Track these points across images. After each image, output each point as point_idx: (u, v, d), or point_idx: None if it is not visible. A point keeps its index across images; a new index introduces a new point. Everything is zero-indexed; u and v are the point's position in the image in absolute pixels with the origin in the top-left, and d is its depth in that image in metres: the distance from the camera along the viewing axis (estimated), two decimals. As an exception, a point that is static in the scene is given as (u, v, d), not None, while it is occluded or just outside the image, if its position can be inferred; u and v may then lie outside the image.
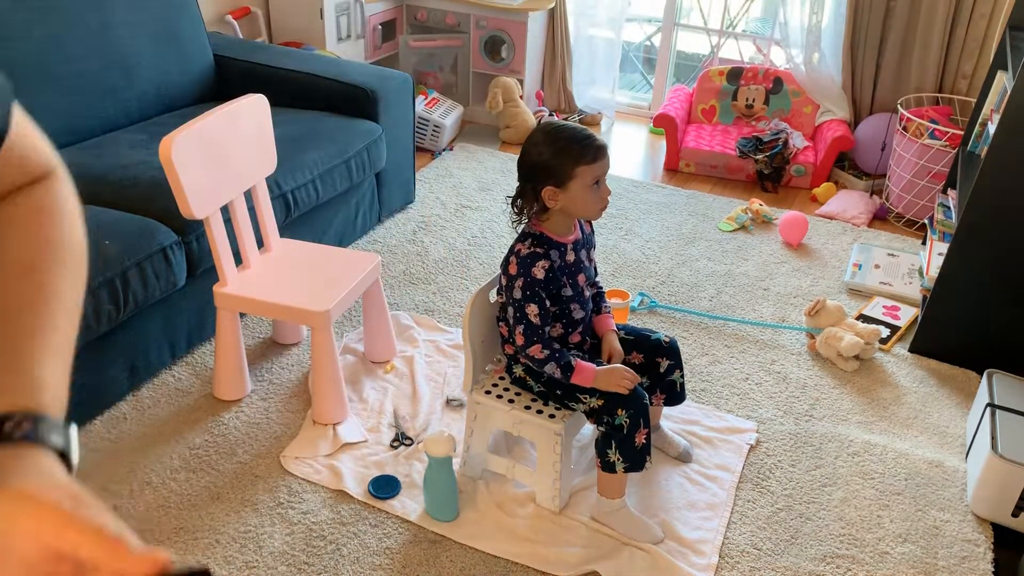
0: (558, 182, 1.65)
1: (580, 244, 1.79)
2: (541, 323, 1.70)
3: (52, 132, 0.72)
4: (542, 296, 1.69)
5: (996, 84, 2.73)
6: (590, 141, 1.65)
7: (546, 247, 1.70)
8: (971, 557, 1.80)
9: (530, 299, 1.69)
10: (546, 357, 1.70)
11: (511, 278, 1.71)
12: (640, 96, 4.51)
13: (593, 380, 1.70)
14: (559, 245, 1.73)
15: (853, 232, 3.18)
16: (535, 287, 1.69)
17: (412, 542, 1.77)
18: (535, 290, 1.69)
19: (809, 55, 3.64)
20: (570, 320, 1.79)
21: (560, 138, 1.65)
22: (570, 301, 1.77)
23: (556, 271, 1.71)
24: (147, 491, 1.86)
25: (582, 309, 1.80)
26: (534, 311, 1.69)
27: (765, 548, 1.80)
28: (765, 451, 2.07)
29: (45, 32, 2.33)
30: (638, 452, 1.72)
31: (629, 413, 1.69)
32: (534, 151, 1.66)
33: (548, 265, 1.69)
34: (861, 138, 3.52)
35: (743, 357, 2.43)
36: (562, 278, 1.73)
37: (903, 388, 2.33)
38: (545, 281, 1.69)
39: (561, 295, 1.74)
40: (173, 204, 2.12)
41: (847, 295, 2.78)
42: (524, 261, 1.69)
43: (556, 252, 1.71)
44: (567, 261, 1.74)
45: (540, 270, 1.68)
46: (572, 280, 1.75)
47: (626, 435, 1.70)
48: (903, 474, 2.02)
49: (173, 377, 2.21)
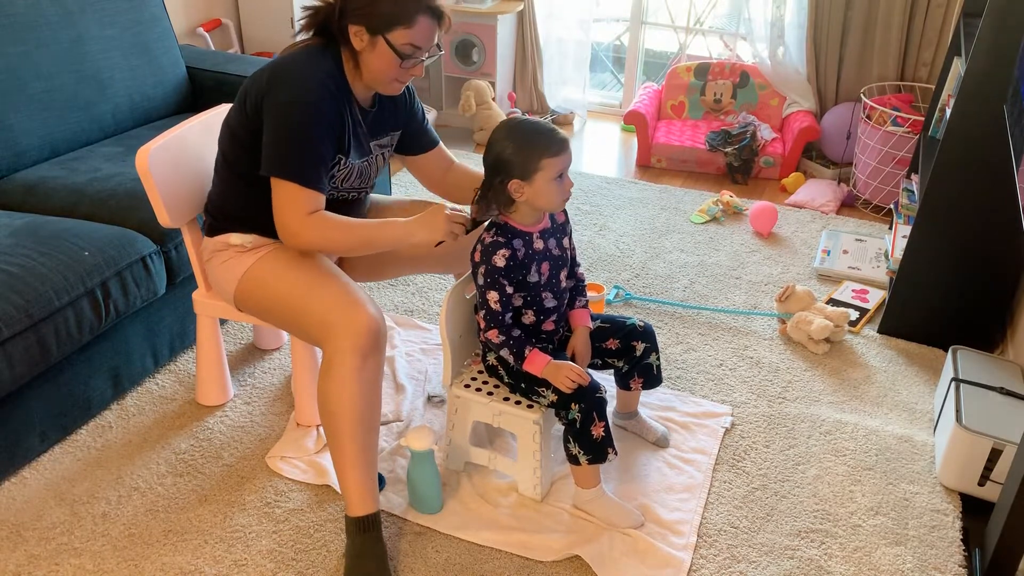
0: (523, 175, 1.70)
1: (549, 232, 1.83)
2: (501, 309, 1.76)
3: (28, 148, 0.75)
4: (502, 283, 1.75)
5: (952, 70, 2.81)
6: (553, 135, 1.71)
7: (508, 236, 1.76)
8: (940, 526, 1.86)
9: (490, 286, 1.75)
10: (501, 342, 1.77)
11: (475, 265, 1.79)
12: (611, 95, 4.57)
13: (541, 371, 1.76)
14: (523, 234, 1.78)
15: (822, 220, 3.26)
16: (495, 275, 1.75)
17: (397, 535, 1.81)
18: (495, 277, 1.75)
19: (774, 49, 3.71)
20: (541, 308, 1.84)
21: (524, 133, 1.71)
22: (539, 288, 1.82)
23: (520, 259, 1.76)
24: (135, 496, 1.89)
25: (555, 298, 1.85)
26: (494, 297, 1.75)
27: (742, 526, 1.86)
28: (740, 433, 2.13)
29: (17, 49, 2.35)
30: (597, 444, 1.76)
31: (580, 407, 1.74)
32: (499, 146, 1.71)
33: (508, 254, 1.74)
34: (827, 128, 3.60)
35: (717, 344, 2.48)
36: (529, 265, 1.78)
37: (872, 368, 2.39)
38: (506, 269, 1.75)
39: (527, 281, 1.79)
40: (151, 214, 2.16)
41: (817, 280, 2.85)
42: (487, 249, 1.76)
43: (520, 241, 1.77)
44: (534, 249, 1.79)
45: (500, 258, 1.74)
46: (538, 267, 1.80)
47: (580, 429, 1.75)
48: (874, 450, 2.08)
49: (157, 385, 2.24)
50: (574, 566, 1.74)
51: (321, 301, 1.72)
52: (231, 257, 1.85)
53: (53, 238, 1.99)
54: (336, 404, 1.67)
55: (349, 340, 1.66)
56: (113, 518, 1.83)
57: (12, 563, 1.72)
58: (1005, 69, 2.13)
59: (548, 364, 1.75)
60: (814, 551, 1.79)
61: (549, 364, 1.76)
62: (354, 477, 1.69)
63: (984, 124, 2.19)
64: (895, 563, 1.77)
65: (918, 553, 1.79)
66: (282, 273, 1.79)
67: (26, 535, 1.78)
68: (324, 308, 1.71)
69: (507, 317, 1.78)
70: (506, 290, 1.76)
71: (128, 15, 2.70)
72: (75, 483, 1.92)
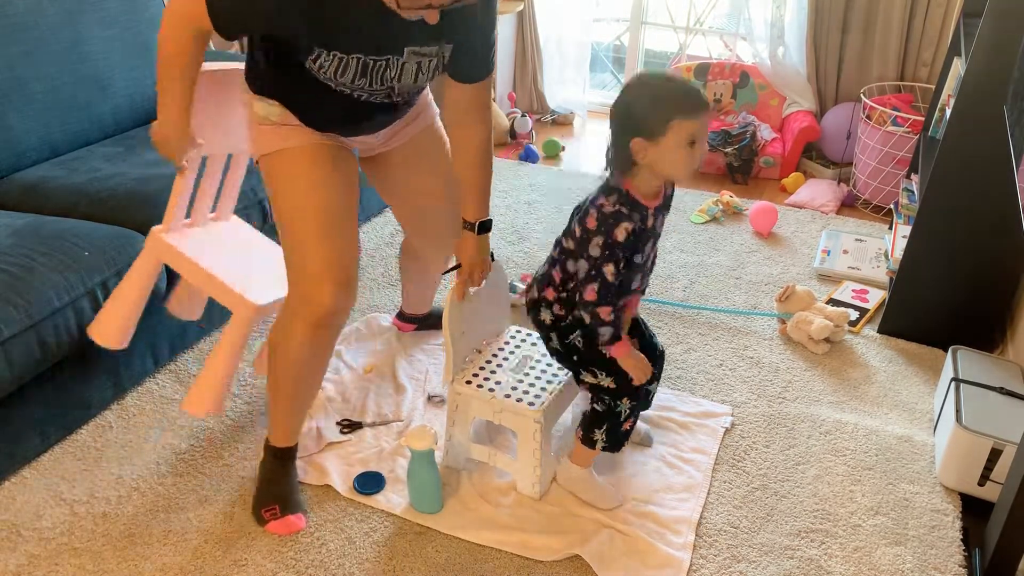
0: (650, 134, 1.54)
1: (660, 209, 1.70)
2: (615, 281, 1.63)
3: (28, 148, 0.75)
4: (619, 256, 1.62)
5: (952, 70, 2.81)
6: (689, 92, 1.54)
7: (630, 208, 1.61)
8: (940, 526, 1.86)
9: (608, 259, 1.61)
10: (611, 321, 1.66)
11: (588, 232, 1.63)
12: (611, 95, 4.57)
13: (624, 357, 1.71)
14: (642, 208, 1.63)
15: (822, 220, 3.26)
16: (615, 248, 1.60)
17: (398, 535, 1.81)
18: (614, 251, 1.61)
19: (774, 49, 3.71)
20: (628, 289, 1.73)
21: (658, 86, 1.56)
22: (638, 270, 1.71)
23: (638, 235, 1.62)
24: (135, 496, 1.89)
25: (642, 278, 1.76)
26: (611, 270, 1.61)
27: (742, 526, 1.86)
28: (740, 433, 2.13)
29: (17, 49, 2.35)
30: (622, 436, 1.80)
31: (632, 404, 1.76)
32: (629, 96, 1.56)
33: (631, 228, 1.59)
34: (827, 128, 3.60)
35: (717, 344, 2.48)
36: (644, 245, 1.66)
37: (873, 368, 2.39)
38: (625, 244, 1.61)
39: (634, 261, 1.67)
40: (151, 214, 2.16)
41: (817, 280, 2.85)
42: (606, 219, 1.60)
43: (639, 215, 1.62)
44: (647, 226, 1.65)
45: (623, 232, 1.59)
46: (644, 247, 1.68)
47: (619, 422, 1.78)
48: (874, 450, 2.08)
49: (157, 385, 2.24)
50: (574, 566, 1.74)
51: (299, 255, 1.68)
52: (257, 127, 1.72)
53: (53, 238, 1.99)
54: (282, 361, 1.73)
55: (305, 309, 1.67)
56: (113, 518, 1.83)
57: (12, 563, 1.72)
58: (1005, 69, 2.13)
59: (631, 352, 1.71)
60: (814, 551, 1.79)
61: (631, 353, 1.72)
62: (284, 418, 1.82)
63: (984, 124, 2.19)
64: (895, 563, 1.77)
65: (918, 553, 1.79)
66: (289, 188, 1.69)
67: (26, 535, 1.78)
68: (295, 266, 1.69)
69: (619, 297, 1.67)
70: (620, 264, 1.62)
71: (128, 15, 2.70)
72: (75, 483, 1.92)
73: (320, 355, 1.75)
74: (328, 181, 1.70)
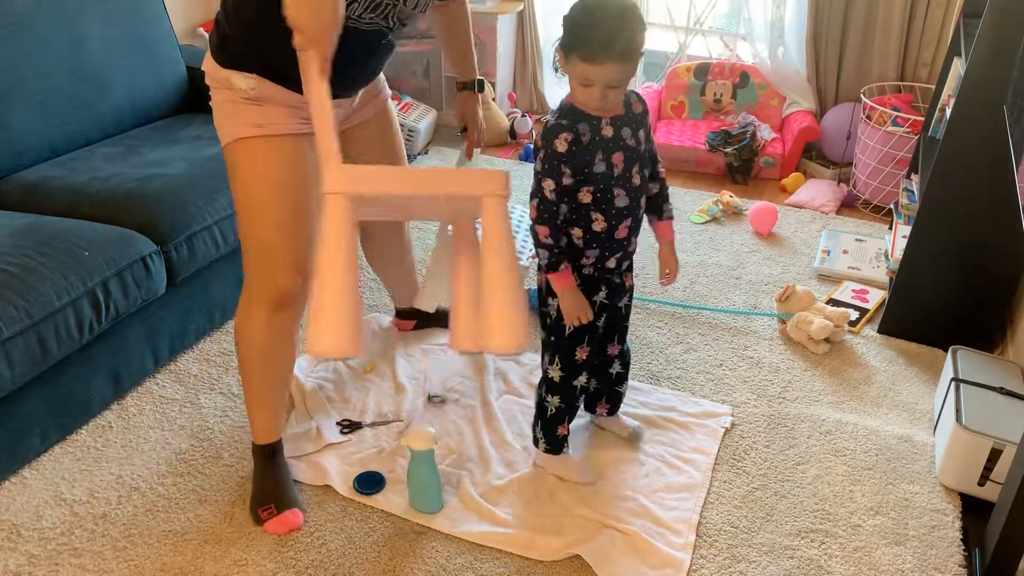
0: (564, 54, 1.54)
1: (623, 121, 1.64)
2: (555, 200, 1.62)
3: (28, 148, 0.75)
4: (562, 171, 1.60)
5: (952, 70, 2.81)
6: (592, 33, 1.47)
7: (573, 119, 1.59)
8: (940, 526, 1.86)
9: (548, 173, 1.61)
10: (546, 243, 1.65)
11: (536, 150, 1.64)
12: (611, 95, 4.56)
13: (562, 291, 1.69)
14: (590, 118, 1.60)
15: (822, 220, 3.26)
16: (554, 160, 1.59)
17: (397, 535, 1.81)
18: (554, 163, 1.60)
19: (774, 49, 3.71)
20: (611, 208, 1.66)
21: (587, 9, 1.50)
22: (607, 181, 1.64)
23: (584, 144, 1.60)
24: (135, 496, 1.89)
25: (627, 196, 1.67)
26: (549, 186, 1.61)
27: (742, 526, 1.86)
28: (740, 433, 2.13)
29: (17, 49, 2.35)
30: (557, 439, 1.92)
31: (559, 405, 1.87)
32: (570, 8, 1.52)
33: (571, 138, 1.58)
34: (827, 128, 3.60)
35: (717, 344, 2.48)
36: (595, 153, 1.61)
37: (873, 368, 2.39)
38: (567, 155, 1.59)
39: (593, 172, 1.62)
40: (152, 215, 2.17)
41: (817, 281, 2.85)
42: (548, 132, 1.60)
43: (586, 125, 1.60)
44: (602, 135, 1.61)
45: (563, 142, 1.58)
46: (607, 157, 1.62)
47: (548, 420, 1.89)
48: (874, 450, 2.08)
49: (157, 385, 2.24)
50: (574, 566, 1.74)
51: (261, 243, 1.69)
52: (235, 103, 1.67)
53: (53, 238, 1.99)
54: (246, 346, 1.78)
55: (261, 291, 1.72)
56: (113, 518, 1.83)
57: (12, 563, 1.72)
58: (1005, 69, 2.13)
59: (571, 288, 1.70)
60: (814, 551, 1.79)
61: (572, 289, 1.70)
62: (259, 412, 1.85)
63: (984, 124, 2.19)
64: (895, 563, 1.77)
65: (918, 553, 1.79)
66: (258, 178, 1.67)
67: (26, 535, 1.78)
68: (254, 251, 1.71)
69: (560, 210, 1.64)
70: (563, 180, 1.60)
71: (128, 15, 2.70)
72: (75, 483, 1.92)
73: (282, 340, 1.79)
74: (296, 175, 1.71)
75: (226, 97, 1.69)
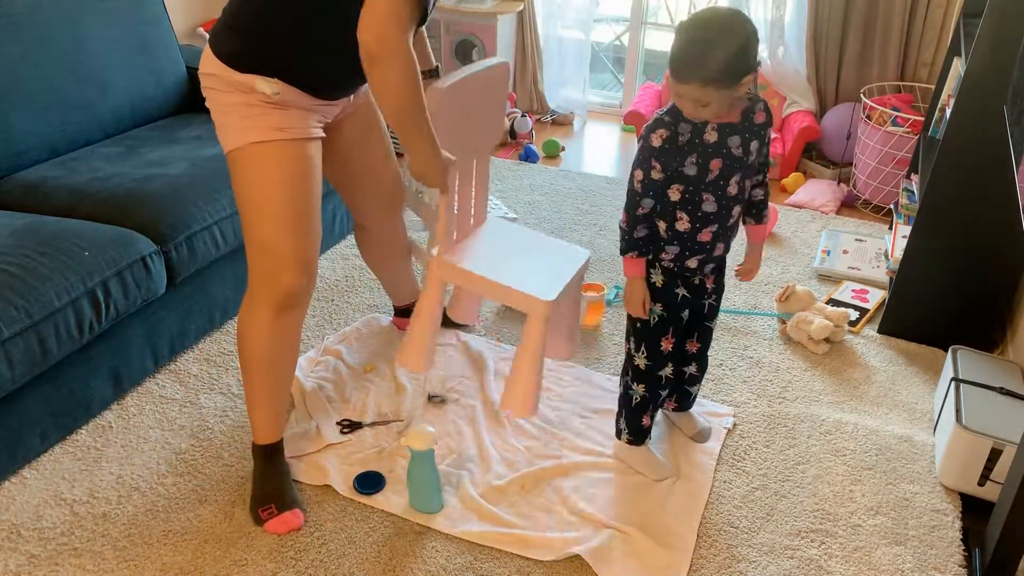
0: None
1: (734, 129, 1.64)
2: (641, 191, 1.66)
3: (28, 148, 0.75)
4: (652, 165, 1.63)
5: (952, 70, 2.81)
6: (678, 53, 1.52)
7: (675, 117, 1.62)
8: (940, 526, 1.86)
9: (639, 164, 1.65)
10: (622, 228, 1.73)
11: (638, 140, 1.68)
12: (611, 95, 4.57)
13: (629, 277, 1.77)
14: (695, 121, 1.61)
15: (822, 220, 3.26)
16: (647, 153, 1.63)
17: (397, 534, 1.81)
18: (646, 156, 1.63)
19: (774, 49, 3.71)
20: (698, 211, 1.68)
21: (683, 25, 1.54)
22: (696, 184, 1.65)
23: (679, 144, 1.61)
24: (135, 496, 1.89)
25: (716, 203, 1.68)
26: (639, 176, 1.65)
27: (742, 526, 1.86)
28: (740, 433, 2.13)
29: (17, 49, 2.35)
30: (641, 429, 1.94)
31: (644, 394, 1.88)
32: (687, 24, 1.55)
33: (667, 135, 1.61)
34: (827, 128, 3.60)
35: (717, 344, 2.48)
36: (689, 154, 1.62)
37: (873, 368, 2.39)
38: (659, 151, 1.62)
39: (683, 173, 1.64)
40: (151, 215, 2.16)
41: (817, 281, 2.85)
42: (648, 126, 1.64)
43: (688, 125, 1.61)
44: (703, 139, 1.62)
45: (658, 138, 1.61)
46: (703, 161, 1.63)
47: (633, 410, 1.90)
48: (874, 450, 2.08)
49: (157, 385, 2.24)
50: (574, 566, 1.74)
51: (266, 244, 1.71)
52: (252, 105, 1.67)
53: (53, 238, 1.99)
54: (249, 347, 1.78)
55: (266, 291, 1.73)
56: (113, 518, 1.83)
57: (12, 563, 1.72)
58: (1005, 69, 2.13)
59: (637, 277, 1.75)
60: (814, 551, 1.79)
61: (638, 278, 1.75)
62: (261, 412, 1.85)
63: (984, 124, 2.19)
64: (895, 563, 1.77)
65: (918, 553, 1.79)
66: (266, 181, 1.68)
67: (26, 535, 1.78)
68: (260, 253, 1.72)
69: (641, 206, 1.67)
70: (652, 174, 1.64)
71: (128, 15, 2.70)
72: (75, 483, 1.92)
73: (286, 342, 1.80)
74: (306, 177, 1.73)
75: (240, 100, 1.68)
